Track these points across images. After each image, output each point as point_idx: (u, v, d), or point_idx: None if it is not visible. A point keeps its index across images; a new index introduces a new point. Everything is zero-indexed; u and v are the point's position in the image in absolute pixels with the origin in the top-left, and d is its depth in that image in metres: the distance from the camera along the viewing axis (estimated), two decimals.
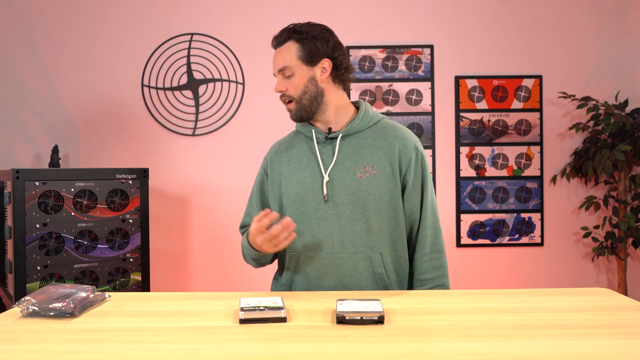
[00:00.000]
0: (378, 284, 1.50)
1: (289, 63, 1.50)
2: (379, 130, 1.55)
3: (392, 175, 1.50)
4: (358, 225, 1.49)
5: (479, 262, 3.37)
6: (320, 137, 1.54)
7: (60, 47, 3.30)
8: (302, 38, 1.49)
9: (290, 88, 1.51)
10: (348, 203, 1.49)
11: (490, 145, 3.35)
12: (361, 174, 1.49)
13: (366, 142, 1.53)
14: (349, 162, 1.51)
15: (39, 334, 1.04)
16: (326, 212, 1.49)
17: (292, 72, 1.50)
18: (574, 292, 1.36)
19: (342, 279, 1.49)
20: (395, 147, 1.52)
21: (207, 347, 0.96)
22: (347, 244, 1.49)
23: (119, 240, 2.66)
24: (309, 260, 1.50)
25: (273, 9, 3.32)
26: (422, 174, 1.55)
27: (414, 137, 1.56)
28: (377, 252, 1.50)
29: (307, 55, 1.49)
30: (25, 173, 2.46)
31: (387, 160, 1.50)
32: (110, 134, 3.31)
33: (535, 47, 3.36)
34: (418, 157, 1.53)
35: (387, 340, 0.98)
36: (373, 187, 1.49)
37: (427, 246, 1.53)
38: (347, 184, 1.49)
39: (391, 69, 3.33)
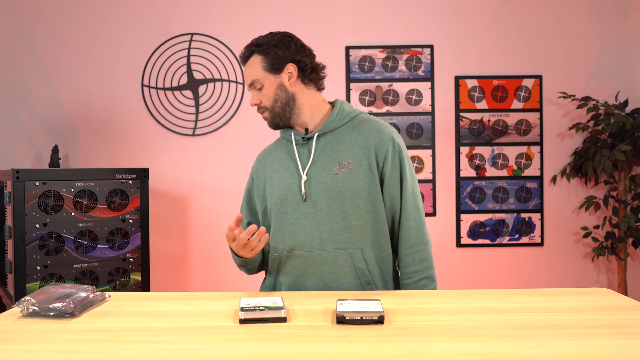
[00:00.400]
0: (360, 279, 1.50)
1: (256, 76, 1.54)
2: (354, 126, 1.56)
3: (369, 169, 1.51)
4: (336, 222, 1.49)
5: (479, 262, 3.37)
6: (298, 138, 1.57)
7: (60, 47, 3.30)
8: (264, 49, 1.53)
9: (262, 99, 1.55)
10: (325, 200, 1.50)
11: (490, 145, 3.35)
12: (337, 170, 1.51)
13: (342, 138, 1.54)
14: (325, 159, 1.52)
15: (39, 334, 1.04)
16: (305, 211, 1.51)
17: (261, 83, 1.54)
18: (574, 292, 1.36)
19: (323, 277, 1.49)
20: (371, 141, 1.53)
21: (207, 347, 0.96)
22: (326, 241, 1.49)
23: (119, 240, 2.66)
24: (290, 260, 1.52)
25: (273, 9, 3.32)
26: (400, 164, 1.54)
27: (390, 129, 1.56)
28: (358, 248, 1.50)
29: (271, 65, 1.53)
30: (25, 173, 2.46)
31: (363, 155, 1.51)
32: (110, 134, 3.31)
33: (535, 47, 3.36)
34: (395, 148, 1.53)
35: (387, 340, 0.98)
36: (350, 183, 1.49)
37: (411, 238, 1.52)
38: (324, 181, 1.50)
39: (391, 69, 3.33)
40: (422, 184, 3.34)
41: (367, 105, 3.33)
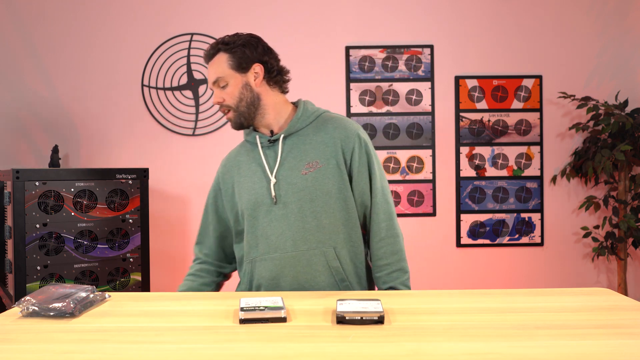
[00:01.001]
0: (334, 277, 1.51)
1: (222, 73, 1.52)
2: (319, 125, 1.56)
3: (337, 167, 1.51)
4: (308, 222, 1.49)
5: (479, 262, 3.37)
6: (264, 141, 1.56)
7: (60, 47, 3.30)
8: (231, 47, 1.52)
9: (226, 98, 1.53)
10: (296, 201, 1.49)
11: (490, 145, 3.35)
12: (306, 170, 1.50)
13: (308, 138, 1.54)
14: (293, 160, 1.52)
15: (39, 334, 1.04)
16: (276, 214, 1.51)
17: (225, 81, 1.52)
18: (574, 292, 1.36)
19: (297, 277, 1.49)
20: (337, 139, 1.53)
21: (207, 347, 0.96)
22: (299, 241, 1.49)
23: (119, 240, 2.66)
24: (264, 263, 1.51)
25: (273, 9, 3.32)
26: (367, 160, 1.55)
27: (355, 126, 1.56)
28: (330, 247, 1.50)
29: (238, 63, 1.52)
30: (25, 173, 2.46)
31: (330, 153, 1.51)
32: (110, 134, 3.31)
33: (535, 47, 3.36)
34: (361, 144, 1.54)
35: (387, 340, 0.98)
36: (319, 182, 1.49)
37: (381, 231, 1.53)
38: (293, 182, 1.50)
39: (391, 69, 3.33)
40: (422, 184, 3.34)
41: (367, 105, 3.33)
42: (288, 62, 3.34)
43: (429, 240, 3.37)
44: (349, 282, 1.52)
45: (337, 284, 1.51)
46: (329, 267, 1.50)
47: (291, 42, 3.33)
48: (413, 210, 3.35)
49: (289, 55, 3.33)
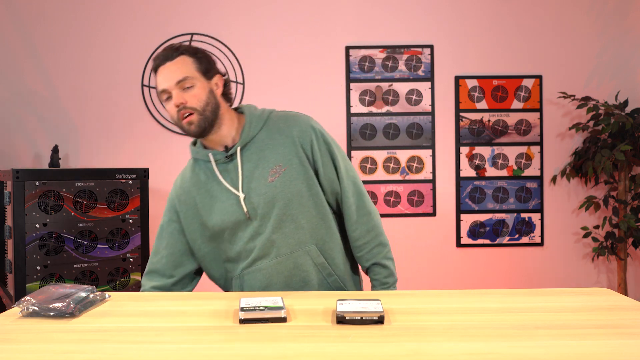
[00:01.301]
0: (322, 273, 1.52)
1: (189, 74, 1.44)
2: (271, 127, 1.53)
3: (301, 165, 1.49)
4: (286, 227, 1.48)
5: (479, 262, 3.37)
6: (219, 157, 1.51)
7: (60, 47, 3.30)
8: (194, 53, 1.48)
9: (191, 100, 1.44)
10: (270, 210, 1.47)
11: (490, 145, 3.35)
12: (271, 177, 1.48)
13: (264, 143, 1.51)
14: (256, 170, 1.49)
15: (39, 334, 1.04)
16: (254, 227, 1.49)
17: (192, 83, 1.45)
18: (574, 292, 1.36)
19: (287, 282, 1.50)
20: (294, 136, 1.50)
21: (207, 347, 0.96)
22: (281, 248, 1.48)
23: (119, 240, 2.66)
24: (253, 275, 1.51)
25: (273, 9, 3.32)
26: (328, 148, 1.53)
27: (306, 118, 1.54)
28: (312, 245, 1.50)
29: (204, 69, 1.48)
30: (25, 173, 2.46)
31: (290, 153, 1.49)
32: (110, 134, 3.31)
33: (535, 47, 3.36)
34: (317, 134, 1.52)
35: (387, 340, 0.98)
36: (288, 185, 1.48)
37: (353, 214, 1.54)
38: (263, 192, 1.47)
39: (391, 69, 3.33)
40: (422, 184, 3.34)
41: (367, 105, 3.33)
42: (288, 62, 3.34)
43: (429, 240, 3.37)
44: (336, 276, 1.53)
45: (326, 279, 1.52)
46: (314, 265, 1.51)
47: (291, 42, 3.33)
48: (413, 210, 3.35)
49: (289, 55, 3.33)
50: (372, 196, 3.33)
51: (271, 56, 3.33)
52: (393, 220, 3.34)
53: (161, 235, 1.60)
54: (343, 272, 1.56)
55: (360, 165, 3.33)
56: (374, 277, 1.57)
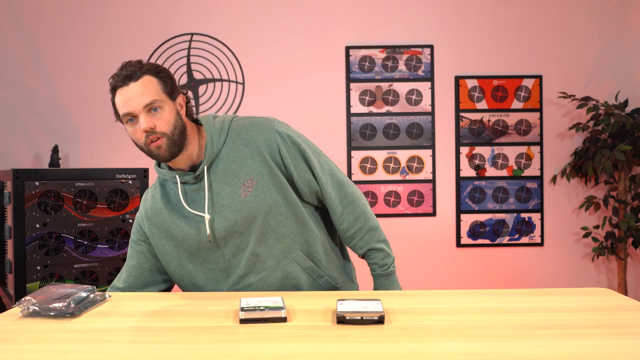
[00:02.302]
0: (311, 275, 1.50)
1: (157, 97, 1.37)
2: (234, 140, 1.46)
3: (272, 174, 1.44)
4: (268, 239, 1.45)
5: (479, 262, 3.37)
6: (187, 178, 1.46)
7: (61, 47, 3.30)
8: (158, 73, 1.41)
9: (159, 123, 1.37)
10: (248, 225, 1.43)
11: (490, 145, 3.35)
12: (244, 192, 1.43)
13: (230, 157, 1.45)
14: (227, 187, 1.44)
15: (39, 334, 1.04)
16: (234, 244, 1.45)
17: (160, 105, 1.37)
18: (574, 292, 1.36)
19: (280, 289, 1.48)
20: (259, 146, 1.45)
21: (207, 347, 0.96)
22: (267, 260, 1.45)
23: (119, 240, 2.66)
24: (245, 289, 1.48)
25: (273, 9, 3.32)
26: (297, 149, 1.48)
27: (268, 122, 1.48)
28: (297, 250, 1.47)
29: (170, 90, 1.41)
30: (25, 173, 2.46)
31: (259, 164, 1.44)
32: (110, 134, 3.31)
33: (535, 47, 3.36)
34: (283, 138, 1.46)
35: (387, 340, 0.98)
36: (262, 198, 1.43)
37: (337, 207, 1.50)
38: (238, 209, 1.43)
39: (391, 69, 3.33)
40: (422, 184, 3.34)
41: (367, 105, 3.33)
42: (288, 62, 3.34)
43: (429, 240, 3.37)
44: (327, 277, 1.52)
45: (316, 281, 1.51)
46: (302, 269, 1.48)
47: (291, 42, 3.33)
48: (413, 210, 3.35)
49: (289, 55, 3.33)
50: (372, 196, 3.33)
51: (271, 56, 3.33)
52: (393, 220, 3.34)
53: (130, 252, 1.56)
54: (332, 270, 1.54)
55: (360, 165, 3.33)
56: (371, 262, 1.54)
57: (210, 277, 1.49)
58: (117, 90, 1.39)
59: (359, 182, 3.32)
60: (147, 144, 1.38)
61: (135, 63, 1.40)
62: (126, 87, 1.37)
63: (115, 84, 1.38)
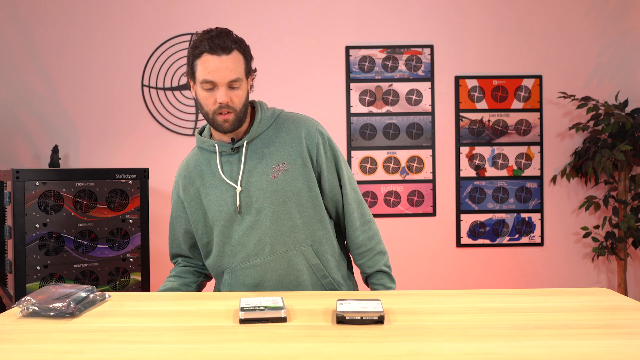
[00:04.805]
0: (316, 274, 1.52)
1: (240, 75, 1.44)
2: (280, 126, 1.54)
3: (304, 166, 1.50)
4: (283, 225, 1.48)
5: (479, 262, 3.37)
6: (225, 149, 1.52)
7: (61, 47, 3.30)
8: (244, 51, 1.46)
9: (234, 100, 1.44)
10: (269, 205, 1.48)
11: (490, 145, 3.35)
12: (274, 173, 1.49)
13: (270, 140, 1.52)
14: (260, 165, 1.49)
15: (39, 334, 1.04)
16: (250, 221, 1.49)
17: (240, 84, 1.44)
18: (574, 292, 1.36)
19: (280, 280, 1.50)
20: (301, 138, 1.51)
21: (207, 347, 0.96)
22: (277, 245, 1.49)
23: (119, 240, 2.66)
24: (245, 271, 1.50)
25: (273, 9, 3.32)
26: (333, 154, 1.56)
27: (314, 122, 1.56)
28: (308, 245, 1.51)
29: (248, 68, 1.47)
30: (25, 173, 2.46)
31: (295, 153, 1.50)
32: (110, 134, 3.31)
33: (535, 47, 3.36)
34: (324, 139, 1.54)
35: (387, 340, 0.98)
36: (289, 184, 1.49)
37: (356, 221, 1.57)
38: (263, 187, 1.48)
39: (391, 69, 3.33)
40: (422, 184, 3.34)
41: (367, 105, 3.33)
42: (288, 62, 3.34)
43: (429, 240, 3.37)
44: (331, 278, 1.54)
45: (320, 281, 1.53)
46: (309, 266, 1.51)
47: (291, 42, 3.33)
48: (413, 210, 3.35)
49: (289, 55, 3.33)
50: (372, 196, 3.33)
51: (271, 56, 3.33)
52: (393, 220, 3.34)
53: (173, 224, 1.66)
54: (337, 275, 1.57)
55: (360, 165, 3.33)
56: (377, 283, 1.58)
57: (221, 250, 1.53)
58: (203, 54, 1.41)
59: (359, 182, 3.32)
60: (216, 113, 1.44)
61: (226, 34, 1.44)
62: (216, 57, 1.40)
63: (203, 49, 1.41)
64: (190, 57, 1.45)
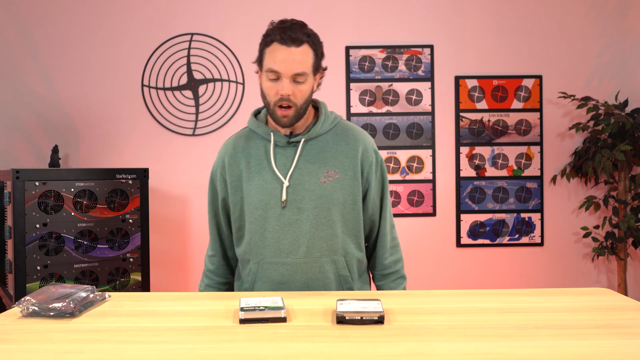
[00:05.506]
0: (343, 285, 1.52)
1: (307, 69, 1.43)
2: (339, 133, 1.54)
3: (354, 179, 1.51)
4: (323, 230, 1.48)
5: (479, 262, 3.37)
6: (281, 140, 1.50)
7: (61, 47, 3.30)
8: (315, 46, 1.45)
9: (296, 95, 1.43)
10: (312, 208, 1.47)
11: (490, 145, 3.35)
12: (325, 178, 1.48)
13: (328, 145, 1.51)
14: (312, 166, 1.49)
15: (39, 334, 1.04)
16: (290, 218, 1.47)
17: (305, 79, 1.43)
18: (574, 292, 1.36)
19: (308, 283, 1.49)
20: (358, 151, 1.52)
21: (207, 347, 0.96)
22: (313, 248, 1.48)
23: (119, 240, 2.66)
24: (275, 266, 1.49)
25: (273, 9, 3.32)
26: (382, 175, 1.58)
27: (371, 140, 1.58)
28: (341, 255, 1.51)
29: (316, 65, 1.46)
30: (25, 173, 2.46)
31: (349, 164, 1.50)
32: (110, 134, 3.31)
33: (535, 47, 3.36)
34: (378, 159, 1.56)
35: (387, 340, 0.98)
36: (337, 192, 1.48)
37: (387, 243, 1.60)
38: (311, 189, 1.47)
39: (391, 69, 3.33)
40: (422, 184, 3.34)
41: (367, 105, 3.33)
42: None
43: (429, 240, 3.37)
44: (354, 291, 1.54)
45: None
46: (338, 276, 1.51)
47: None
48: (413, 210, 3.35)
49: None
50: None
51: None
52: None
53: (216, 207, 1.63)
54: (360, 290, 1.58)
55: None
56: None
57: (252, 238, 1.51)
58: (273, 43, 1.43)
59: None
60: (277, 105, 1.44)
61: (300, 27, 1.44)
62: (286, 48, 1.41)
63: (274, 38, 1.43)
64: (261, 45, 1.47)
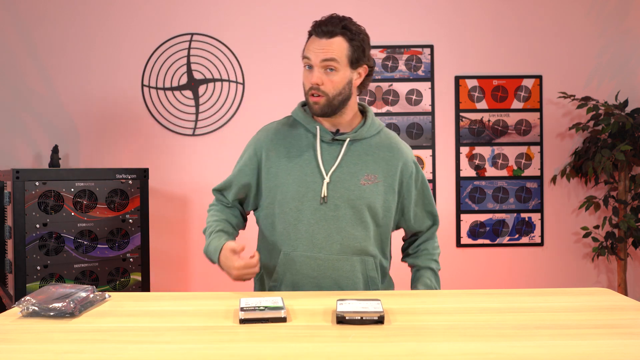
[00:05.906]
0: (370, 286, 1.55)
1: (338, 56, 1.45)
2: (383, 140, 1.57)
3: (392, 187, 1.54)
4: (357, 230, 1.50)
5: (479, 262, 3.37)
6: (326, 136, 1.53)
7: (61, 47, 3.30)
8: (353, 39, 1.48)
9: (327, 84, 1.45)
10: (349, 207, 1.49)
11: (490, 145, 3.35)
12: (365, 181, 1.51)
13: (371, 149, 1.54)
14: (353, 167, 1.51)
15: (39, 334, 1.04)
16: (326, 214, 1.49)
17: (337, 68, 1.45)
18: (574, 292, 1.36)
19: (339, 281, 1.50)
20: (399, 161, 1.55)
21: (207, 347, 0.96)
22: (346, 247, 1.50)
23: (119, 240, 2.66)
24: (307, 260, 1.50)
25: (273, 9, 3.32)
26: (422, 186, 1.62)
27: (411, 152, 1.63)
28: (371, 256, 1.54)
29: (354, 57, 1.48)
30: (25, 173, 2.46)
31: (389, 172, 1.54)
32: (110, 134, 3.31)
33: (535, 47, 3.36)
34: (418, 171, 1.60)
35: (387, 340, 0.98)
36: (374, 196, 1.51)
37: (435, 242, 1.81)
38: (350, 189, 1.50)
39: (391, 69, 3.33)
40: None
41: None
42: (288, 62, 3.34)
43: None
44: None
45: None
46: (367, 277, 1.54)
47: (291, 42, 3.32)
48: None
49: (289, 55, 3.33)
50: None
51: (271, 56, 3.33)
52: None
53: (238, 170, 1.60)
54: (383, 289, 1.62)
55: None
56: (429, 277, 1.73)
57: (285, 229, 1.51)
58: (311, 36, 1.51)
59: None
60: (309, 93, 1.48)
61: (338, 21, 1.50)
62: (318, 39, 1.48)
63: (312, 32, 1.51)
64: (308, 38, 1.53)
